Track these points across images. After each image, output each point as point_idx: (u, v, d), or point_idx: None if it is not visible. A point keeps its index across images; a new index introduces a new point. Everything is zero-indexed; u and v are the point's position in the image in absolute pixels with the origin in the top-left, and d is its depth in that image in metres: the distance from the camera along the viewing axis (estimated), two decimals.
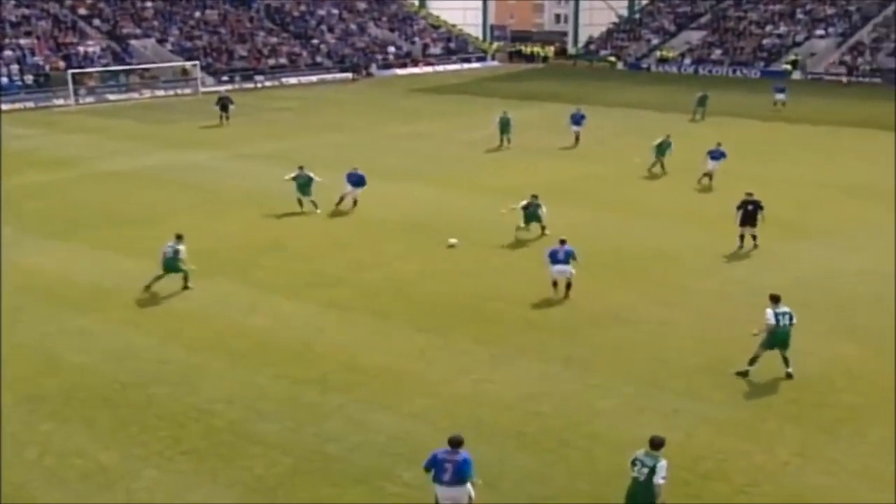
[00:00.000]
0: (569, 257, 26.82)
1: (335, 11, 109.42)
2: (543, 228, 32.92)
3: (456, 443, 15.13)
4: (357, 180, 37.97)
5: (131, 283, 28.06)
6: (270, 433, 18.96)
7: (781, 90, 70.21)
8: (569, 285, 26.93)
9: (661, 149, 44.23)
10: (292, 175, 37.60)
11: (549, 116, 64.05)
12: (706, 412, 19.79)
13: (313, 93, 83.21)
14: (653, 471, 14.78)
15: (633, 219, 36.03)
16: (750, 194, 31.80)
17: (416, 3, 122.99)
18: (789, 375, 21.35)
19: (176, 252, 27.70)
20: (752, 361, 21.45)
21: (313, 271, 29.58)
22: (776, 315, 21.21)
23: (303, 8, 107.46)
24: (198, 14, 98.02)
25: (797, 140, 55.08)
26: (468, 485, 15.00)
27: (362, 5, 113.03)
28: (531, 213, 32.84)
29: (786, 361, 21.42)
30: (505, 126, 51.99)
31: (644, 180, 43.04)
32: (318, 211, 36.98)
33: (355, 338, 23.90)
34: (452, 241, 32.45)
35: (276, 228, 34.97)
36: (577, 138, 52.51)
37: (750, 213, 31.34)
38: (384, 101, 76.95)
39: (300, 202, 37.32)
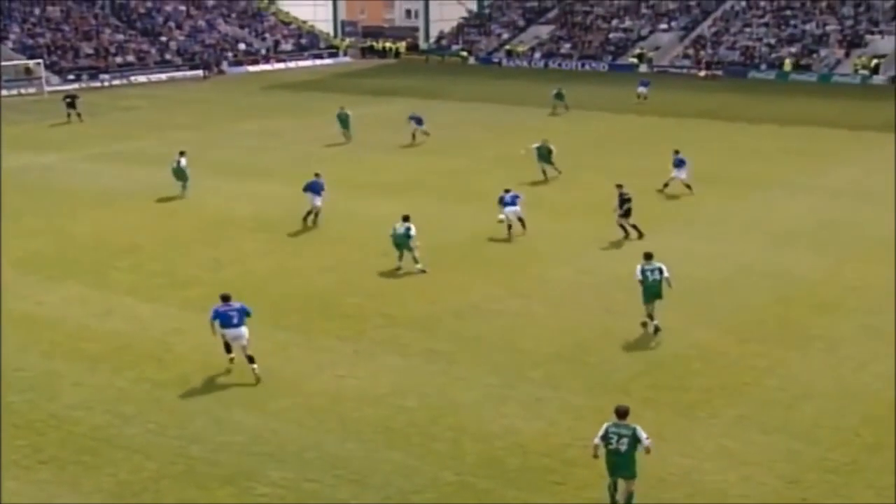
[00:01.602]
0: (516, 200, 32.47)
1: (182, 8, 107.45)
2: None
3: (226, 297, 21.52)
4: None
5: None
6: (133, 437, 18.60)
7: (645, 84, 71.91)
8: (521, 220, 32.34)
9: (543, 154, 42.11)
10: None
11: (402, 112, 64.25)
12: (567, 400, 20.18)
13: (163, 91, 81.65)
14: (635, 438, 15.28)
15: (489, 211, 36.44)
16: (621, 186, 32.70)
17: None
18: (656, 329, 23.58)
19: None
20: (649, 316, 23.80)
21: (169, 272, 29.12)
22: (643, 270, 23.58)
23: (149, 4, 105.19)
24: (38, 11, 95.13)
25: (647, 132, 56.46)
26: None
27: (210, 2, 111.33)
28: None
29: (651, 313, 23.69)
30: (344, 122, 52.20)
31: (498, 173, 43.54)
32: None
33: (214, 338, 23.60)
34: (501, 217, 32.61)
35: (130, 229, 34.28)
36: (413, 135, 52.01)
37: (626, 206, 32.18)
38: (236, 98, 75.99)
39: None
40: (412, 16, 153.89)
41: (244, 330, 21.09)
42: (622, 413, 15.71)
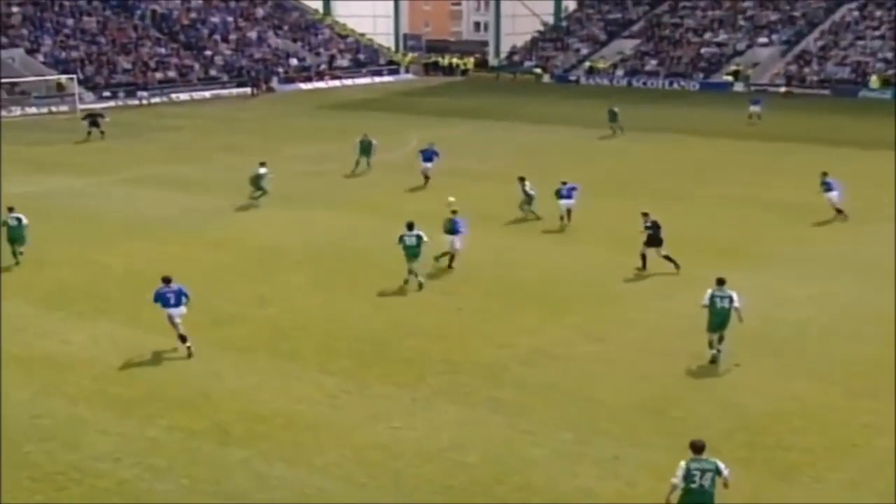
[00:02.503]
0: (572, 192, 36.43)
1: (230, 19, 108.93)
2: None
3: (168, 280, 25.90)
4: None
5: (2, 326, 27.51)
6: (165, 494, 18.63)
7: (758, 102, 71.66)
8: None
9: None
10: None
11: (469, 134, 64.44)
12: (648, 458, 19.89)
13: (207, 110, 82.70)
14: (717, 472, 15.93)
15: (558, 245, 36.30)
16: (647, 215, 33.21)
17: (321, 10, 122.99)
18: (713, 360, 24.42)
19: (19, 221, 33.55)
20: (711, 345, 24.55)
21: (208, 309, 29.21)
22: (713, 296, 24.41)
23: (193, 15, 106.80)
24: (73, 21, 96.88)
25: (743, 158, 55.99)
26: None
27: (260, 12, 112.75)
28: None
29: (719, 340, 24.44)
30: (366, 150, 52.09)
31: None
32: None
33: (256, 383, 23.65)
34: (451, 199, 35.38)
35: (166, 261, 34.41)
36: (426, 177, 48.12)
37: (654, 234, 32.76)
38: (286, 119, 76.75)
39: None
40: (481, 29, 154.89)
41: (183, 310, 25.64)
42: (700, 447, 16.19)
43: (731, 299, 24.30)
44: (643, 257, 32.93)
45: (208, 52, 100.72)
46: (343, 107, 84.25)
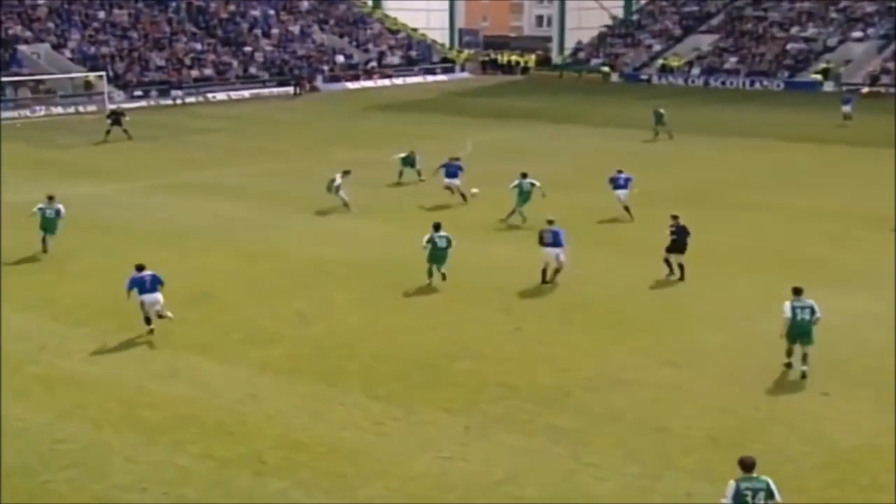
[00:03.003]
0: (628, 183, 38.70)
1: (271, 13, 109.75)
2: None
3: (141, 267, 28.26)
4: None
5: (23, 343, 27.79)
6: None
7: (849, 101, 71.75)
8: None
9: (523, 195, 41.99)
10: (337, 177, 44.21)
11: (530, 138, 64.37)
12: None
13: (246, 111, 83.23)
14: (770, 493, 16.25)
15: (626, 259, 36.11)
16: (676, 218, 33.95)
17: (370, 2, 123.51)
18: (803, 375, 25.00)
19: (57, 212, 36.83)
20: (788, 353, 25.49)
21: (245, 326, 29.37)
22: (793, 307, 25.09)
23: (232, 8, 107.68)
24: (103, 14, 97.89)
25: (835, 165, 55.52)
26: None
27: (305, 5, 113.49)
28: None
29: (803, 358, 25.09)
30: (410, 162, 51.90)
31: (647, 214, 43.17)
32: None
33: (296, 407, 23.68)
34: (474, 190, 38.83)
35: (201, 274, 34.77)
36: (462, 195, 46.21)
37: (678, 239, 33.68)
38: (331, 121, 77.10)
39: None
40: (544, 23, 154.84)
41: (158, 296, 28.17)
42: (751, 465, 16.55)
43: (812, 310, 25.06)
44: (667, 262, 33.81)
45: (248, 49, 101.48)
46: (393, 108, 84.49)
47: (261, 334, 28.76)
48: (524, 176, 42.20)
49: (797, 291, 25.58)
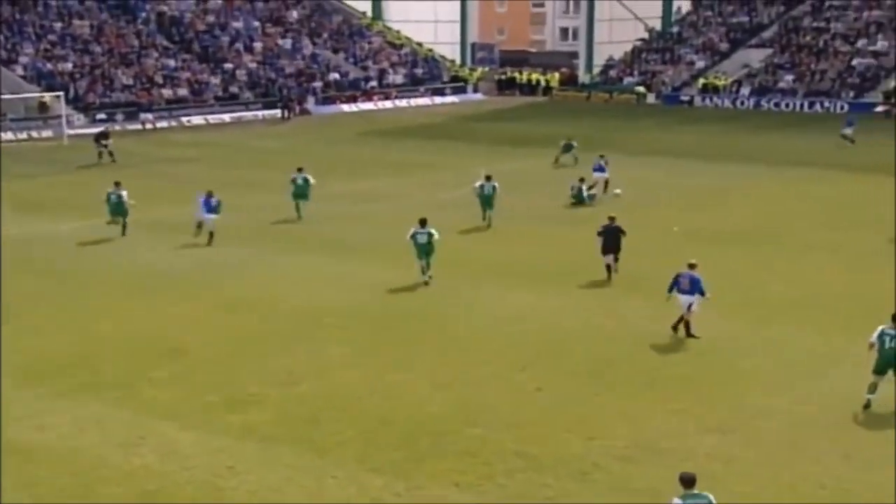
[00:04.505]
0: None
1: (256, 24, 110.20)
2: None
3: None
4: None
5: None
6: None
7: (851, 123, 74.49)
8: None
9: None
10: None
11: (554, 168, 64.48)
12: None
13: (227, 137, 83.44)
14: None
15: (660, 307, 36.00)
16: (612, 219, 39.53)
17: (370, 12, 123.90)
18: (867, 405, 26.67)
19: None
20: (871, 389, 26.79)
21: (223, 386, 29.25)
22: (882, 333, 26.73)
23: (211, 19, 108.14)
24: (60, 26, 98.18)
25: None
26: None
27: (294, 15, 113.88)
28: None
29: (871, 387, 26.71)
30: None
31: (682, 253, 43.10)
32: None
33: (282, 481, 23.53)
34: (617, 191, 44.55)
35: (173, 325, 34.69)
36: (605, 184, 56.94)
37: (607, 240, 39.17)
38: (324, 148, 77.26)
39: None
40: (570, 37, 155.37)
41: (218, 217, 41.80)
42: (691, 481, 18.57)
43: None
44: (607, 267, 39.26)
45: (229, 65, 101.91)
46: (394, 134, 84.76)
47: (241, 395, 28.61)
48: (488, 179, 49.01)
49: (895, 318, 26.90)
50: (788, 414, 27.45)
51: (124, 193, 47.04)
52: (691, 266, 33.21)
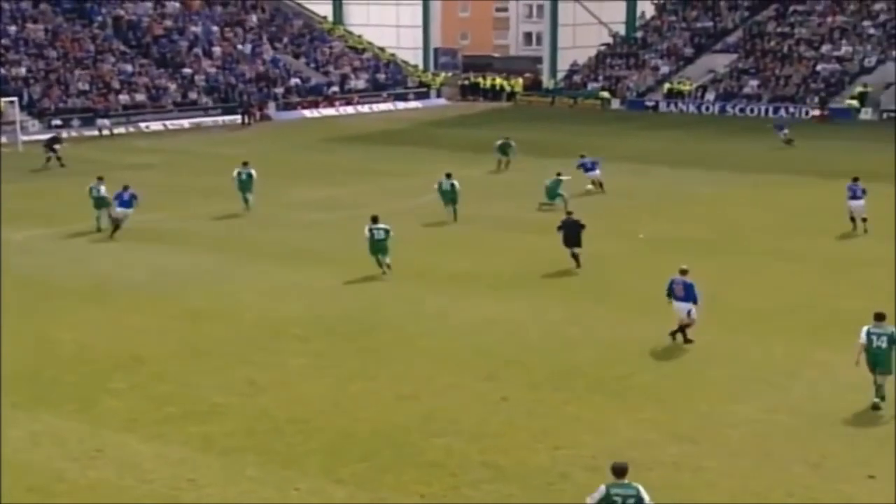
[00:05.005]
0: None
1: (215, 29, 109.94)
2: None
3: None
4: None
5: None
6: None
7: (780, 127, 78.32)
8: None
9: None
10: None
11: (517, 175, 64.47)
12: None
13: (185, 143, 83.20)
14: (639, 500, 18.86)
15: (625, 315, 36.05)
16: (569, 214, 42.82)
17: (330, 17, 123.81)
18: (875, 406, 27.04)
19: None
20: (878, 391, 27.19)
21: (183, 397, 29.13)
22: (868, 333, 27.11)
23: (168, 23, 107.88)
24: (14, 29, 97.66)
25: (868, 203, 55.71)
26: None
27: (254, 20, 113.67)
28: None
29: (878, 389, 27.08)
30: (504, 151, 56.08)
31: (652, 261, 43.19)
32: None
33: (244, 494, 23.45)
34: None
35: (131, 335, 34.53)
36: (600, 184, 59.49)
37: (567, 233, 41.63)
38: (286, 154, 77.12)
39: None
40: (533, 42, 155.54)
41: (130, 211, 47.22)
42: (623, 471, 19.21)
43: (890, 338, 26.92)
44: (573, 256, 41.68)
45: (187, 70, 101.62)
46: (358, 140, 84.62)
47: (201, 406, 28.51)
48: (448, 176, 51.99)
49: (879, 317, 27.52)
50: (756, 422, 27.52)
51: (103, 188, 50.82)
52: (683, 272, 33.31)
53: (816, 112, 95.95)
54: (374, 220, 41.17)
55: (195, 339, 34.31)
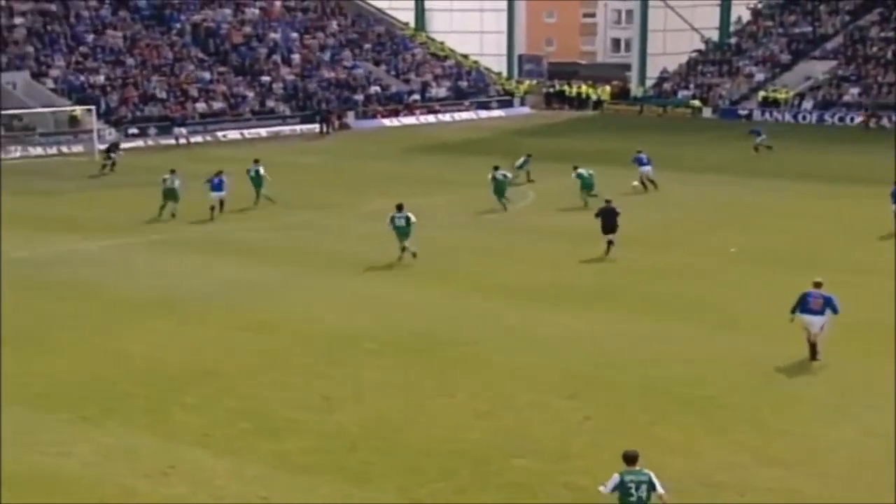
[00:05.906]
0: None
1: (294, 35, 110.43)
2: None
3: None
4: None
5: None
6: None
7: (758, 133, 79.93)
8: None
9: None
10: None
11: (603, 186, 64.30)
12: None
13: (263, 152, 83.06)
14: (651, 486, 19.99)
15: (711, 331, 35.72)
16: (608, 202, 45.89)
17: (412, 23, 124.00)
18: None
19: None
20: None
21: (257, 413, 29.16)
22: None
23: (248, 30, 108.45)
24: (92, 37, 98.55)
25: None
26: None
27: (334, 26, 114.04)
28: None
29: None
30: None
31: (740, 272, 42.80)
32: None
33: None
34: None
35: (203, 348, 34.64)
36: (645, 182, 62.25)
37: (605, 221, 45.07)
38: (364, 164, 77.46)
39: None
40: (622, 48, 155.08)
41: (223, 194, 53.03)
42: (633, 458, 20.43)
43: None
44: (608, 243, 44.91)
45: (265, 78, 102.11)
46: (438, 149, 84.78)
47: (275, 422, 28.52)
48: (496, 168, 57.48)
49: None
50: (855, 446, 27.13)
51: (177, 181, 55.86)
52: (817, 285, 32.86)
53: (860, 118, 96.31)
54: (399, 207, 44.61)
55: (266, 352, 34.36)
